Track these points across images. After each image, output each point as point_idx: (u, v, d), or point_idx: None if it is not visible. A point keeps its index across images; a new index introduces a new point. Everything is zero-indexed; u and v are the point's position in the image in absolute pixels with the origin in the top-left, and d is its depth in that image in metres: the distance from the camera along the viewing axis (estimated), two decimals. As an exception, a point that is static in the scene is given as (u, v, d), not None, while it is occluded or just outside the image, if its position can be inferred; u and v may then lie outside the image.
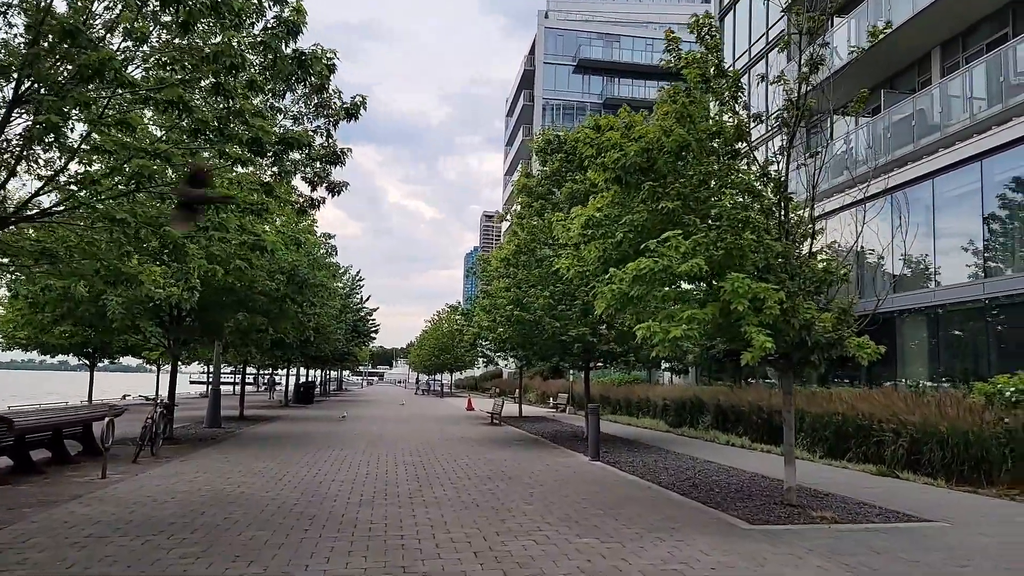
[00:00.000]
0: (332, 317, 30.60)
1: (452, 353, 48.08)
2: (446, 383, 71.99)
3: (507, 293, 17.70)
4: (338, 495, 10.01)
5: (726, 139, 9.07)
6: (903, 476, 11.57)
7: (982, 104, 16.40)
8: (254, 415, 27.65)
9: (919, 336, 17.93)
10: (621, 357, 18.67)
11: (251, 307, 17.29)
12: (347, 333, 43.44)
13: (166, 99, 6.12)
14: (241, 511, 8.80)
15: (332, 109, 8.10)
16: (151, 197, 8.72)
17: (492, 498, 9.80)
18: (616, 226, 9.20)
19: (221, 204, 8.02)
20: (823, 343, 8.68)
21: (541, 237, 18.25)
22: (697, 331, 7.64)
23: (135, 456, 13.45)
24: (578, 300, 16.66)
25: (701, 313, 7.76)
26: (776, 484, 11.10)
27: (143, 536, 7.49)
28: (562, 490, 10.47)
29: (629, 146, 9.12)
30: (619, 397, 27.34)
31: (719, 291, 8.12)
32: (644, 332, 7.76)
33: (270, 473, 12.02)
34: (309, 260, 18.96)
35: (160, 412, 14.71)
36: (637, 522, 8.20)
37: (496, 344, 20.97)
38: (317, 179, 9.01)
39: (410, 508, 9.11)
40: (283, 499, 9.66)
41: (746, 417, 17.63)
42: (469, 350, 30.20)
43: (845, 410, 13.67)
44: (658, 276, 7.95)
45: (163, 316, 18.00)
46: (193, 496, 9.79)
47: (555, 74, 65.80)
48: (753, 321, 7.69)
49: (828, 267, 8.57)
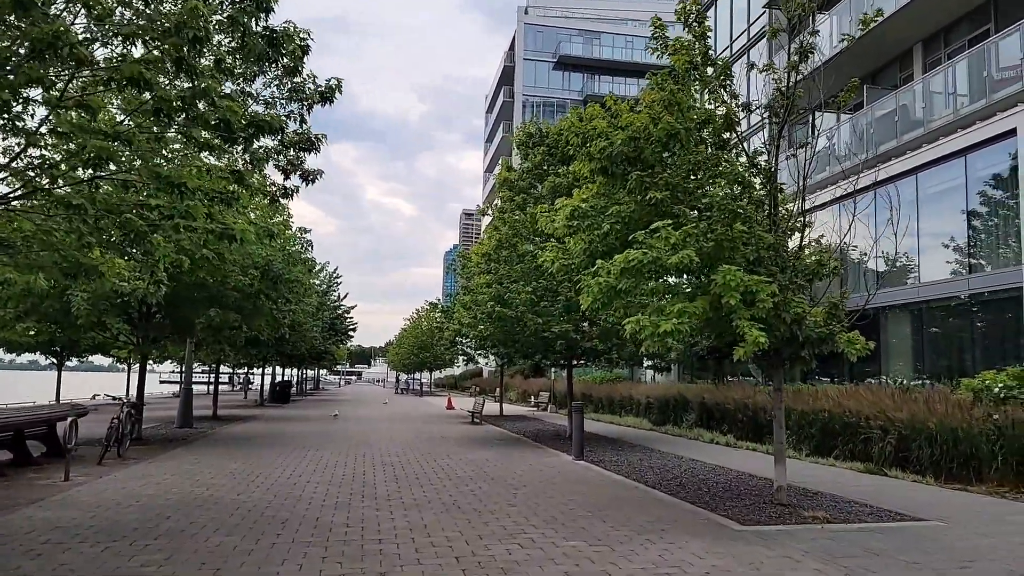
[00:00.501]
0: (308, 314, 30.05)
1: (432, 351, 47.57)
2: (425, 382, 71.45)
3: (488, 289, 17.34)
4: (312, 497, 9.61)
5: (715, 128, 8.79)
6: (892, 474, 11.39)
7: (964, 100, 16.34)
8: (228, 415, 27.07)
9: (903, 332, 17.87)
10: (604, 354, 18.40)
11: (223, 303, 16.77)
12: (324, 331, 42.82)
13: (126, 76, 5.68)
14: (209, 515, 8.38)
15: (306, 93, 7.69)
16: (115, 185, 8.26)
17: (474, 500, 9.45)
18: (602, 217, 8.88)
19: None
20: (814, 338, 8.44)
21: (523, 232, 17.92)
22: (688, 325, 7.35)
23: (100, 458, 12.95)
24: (561, 296, 16.36)
25: (692, 307, 7.48)
26: (765, 483, 10.87)
27: (103, 543, 7.06)
28: (546, 491, 10.15)
29: (616, 135, 8.81)
30: (601, 395, 27.10)
31: (709, 284, 7.84)
32: (633, 326, 7.45)
33: (241, 475, 11.58)
34: (284, 255, 18.44)
35: (126, 412, 14.19)
36: (626, 524, 7.90)
37: (477, 342, 20.61)
38: (290, 167, 8.59)
39: (388, 511, 8.73)
40: (254, 502, 9.24)
41: (731, 415, 17.43)
42: (449, 348, 29.75)
43: (831, 407, 13.49)
44: (647, 268, 7.65)
45: (131, 313, 17.45)
46: (158, 500, 9.34)
47: (535, 70, 65.49)
48: (745, 315, 7.41)
49: (821, 259, 8.31)
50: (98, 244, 9.07)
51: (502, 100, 69.78)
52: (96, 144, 5.96)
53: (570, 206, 9.00)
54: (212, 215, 8.21)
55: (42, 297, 15.79)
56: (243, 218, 10.88)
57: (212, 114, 6.08)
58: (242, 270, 16.74)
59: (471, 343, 24.16)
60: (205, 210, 7.77)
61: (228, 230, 6.92)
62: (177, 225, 6.67)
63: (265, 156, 8.76)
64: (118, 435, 13.61)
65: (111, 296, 15.09)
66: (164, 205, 7.02)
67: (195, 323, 16.95)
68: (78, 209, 6.26)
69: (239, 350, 30.98)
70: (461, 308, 20.35)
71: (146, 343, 18.15)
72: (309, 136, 8.20)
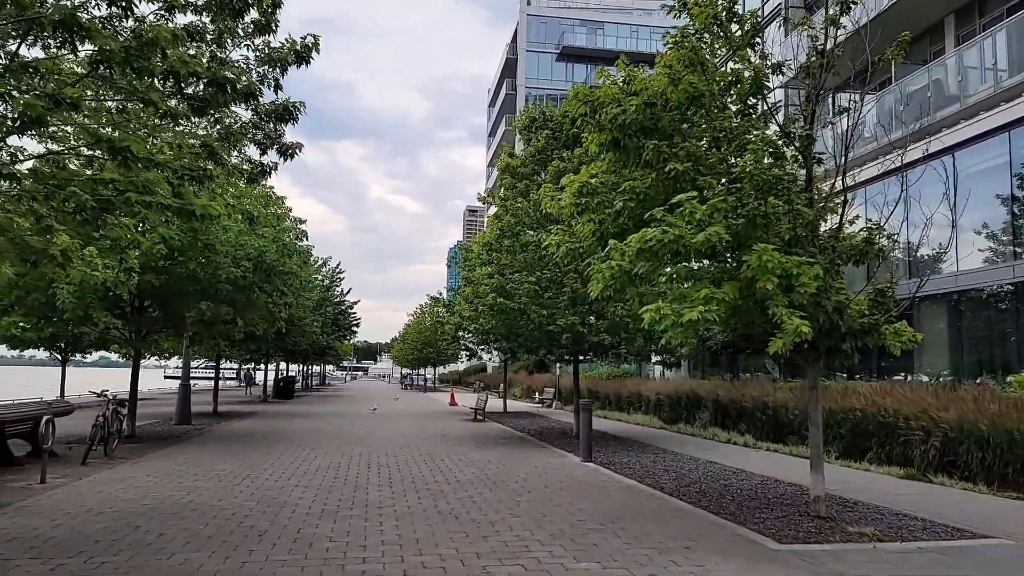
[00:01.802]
0: (309, 309, 29.19)
1: (435, 347, 46.71)
2: (429, 378, 70.69)
3: (490, 280, 16.42)
4: (298, 504, 8.73)
5: (741, 92, 7.84)
6: (937, 480, 10.38)
7: (1003, 74, 15.24)
8: (228, 411, 26.34)
9: (936, 325, 16.78)
10: (612, 349, 17.47)
11: (215, 296, 15.92)
12: (328, 326, 42.02)
13: (56, 19, 4.79)
14: (182, 525, 7.52)
15: (281, 53, 6.77)
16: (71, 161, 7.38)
17: (473, 508, 8.55)
18: (614, 194, 7.95)
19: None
20: (856, 329, 7.50)
21: (526, 220, 17.00)
22: (716, 313, 6.41)
23: (84, 457, 12.19)
24: (566, 287, 15.44)
25: (721, 292, 6.53)
26: (795, 490, 9.94)
27: (57, 558, 6.24)
28: (553, 498, 9.23)
29: (629, 102, 7.87)
30: (608, 392, 26.13)
31: (738, 267, 6.91)
32: (652, 315, 6.52)
33: (228, 477, 10.73)
34: (278, 246, 17.53)
35: (112, 410, 13.34)
36: (644, 540, 6.97)
37: (478, 336, 19.70)
38: (267, 140, 7.69)
39: (378, 521, 7.84)
40: (234, 509, 8.38)
41: (748, 413, 16.47)
42: (451, 343, 28.86)
43: (864, 406, 12.49)
44: (667, 249, 6.71)
45: (123, 307, 16.62)
46: (133, 506, 8.50)
47: (538, 62, 64.40)
48: (782, 302, 6.48)
49: (870, 237, 7.33)
50: (64, 229, 8.23)
51: (504, 93, 68.77)
52: (28, 102, 5.07)
53: (578, 182, 8.05)
54: (181, 194, 7.31)
55: (28, 290, 14.97)
56: (219, 199, 9.95)
57: (159, 66, 5.19)
58: (234, 261, 15.88)
59: (473, 337, 23.24)
60: (169, 187, 6.86)
61: (187, 206, 6.02)
62: (129, 199, 5.79)
63: (242, 131, 7.87)
64: (104, 433, 12.82)
65: (98, 289, 14.26)
66: (120, 179, 6.15)
67: (186, 317, 16.05)
68: (10, 179, 5.37)
69: (238, 345, 30.31)
70: (462, 301, 19.45)
71: (138, 338, 17.32)
72: (286, 105, 7.29)
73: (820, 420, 8.10)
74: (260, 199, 19.15)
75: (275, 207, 21.20)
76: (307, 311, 28.69)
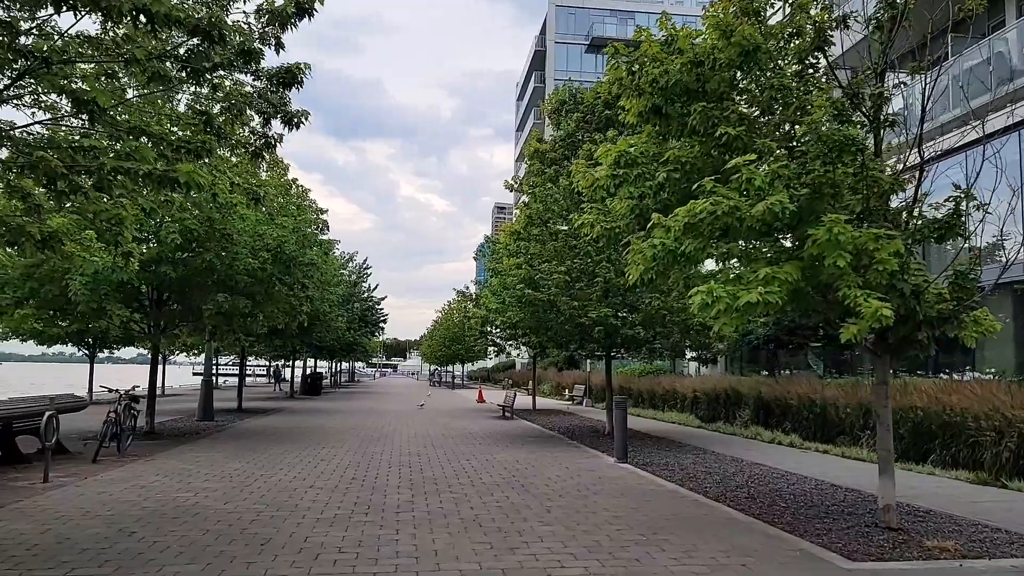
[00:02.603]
0: (334, 304, 28.66)
1: (463, 343, 46.02)
2: (458, 375, 70.20)
3: (518, 271, 15.61)
4: (310, 508, 8.04)
5: (801, 48, 6.93)
6: (1013, 486, 9.35)
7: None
8: (253, 407, 25.98)
9: (999, 318, 15.49)
10: (646, 344, 16.55)
11: (233, 288, 15.36)
12: (355, 323, 41.60)
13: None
14: (181, 532, 6.86)
15: (279, 6, 6.03)
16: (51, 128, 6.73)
17: (500, 514, 7.76)
18: (656, 165, 7.09)
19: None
20: (934, 316, 6.55)
21: (555, 208, 16.14)
22: (779, 296, 5.53)
23: (95, 455, 11.69)
24: (599, 277, 14.57)
25: (783, 272, 5.65)
26: (855, 497, 9.00)
27: (37, 570, 5.61)
28: (587, 504, 8.40)
29: (673, 61, 7.01)
30: (642, 389, 25.15)
31: (801, 244, 6.03)
32: (703, 298, 5.66)
33: (240, 477, 10.11)
34: (298, 236, 16.92)
35: (125, 405, 12.83)
36: (693, 555, 6.12)
37: (506, 330, 18.91)
38: (271, 109, 6.98)
39: (394, 528, 7.10)
40: (240, 513, 7.71)
41: (794, 412, 15.43)
42: (479, 338, 28.12)
43: (926, 404, 11.45)
44: (720, 223, 5.85)
45: (142, 300, 16.17)
46: (133, 509, 7.88)
47: (567, 53, 63.41)
48: (855, 282, 5.58)
49: (959, 208, 6.37)
50: (53, 209, 7.62)
51: (533, 86, 67.89)
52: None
53: (615, 151, 7.20)
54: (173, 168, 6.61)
55: (41, 282, 14.56)
56: (222, 177, 9.27)
57: (127, 3, 4.47)
58: (252, 252, 15.32)
59: (500, 332, 22.46)
60: (163, 160, 6.17)
61: (169, 173, 5.33)
62: (103, 166, 5.10)
63: (245, 101, 7.16)
64: (117, 430, 12.32)
65: (112, 280, 13.77)
66: (99, 146, 5.48)
67: (203, 310, 15.51)
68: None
69: (262, 340, 29.93)
70: (489, 293, 18.68)
71: (157, 331, 16.87)
72: (289, 68, 6.57)
73: (890, 420, 7.16)
74: (278, 188, 18.61)
75: (295, 199, 20.68)
76: (332, 306, 28.16)
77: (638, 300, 14.71)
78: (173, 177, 5.39)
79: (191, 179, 5.48)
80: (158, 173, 5.37)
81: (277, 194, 18.30)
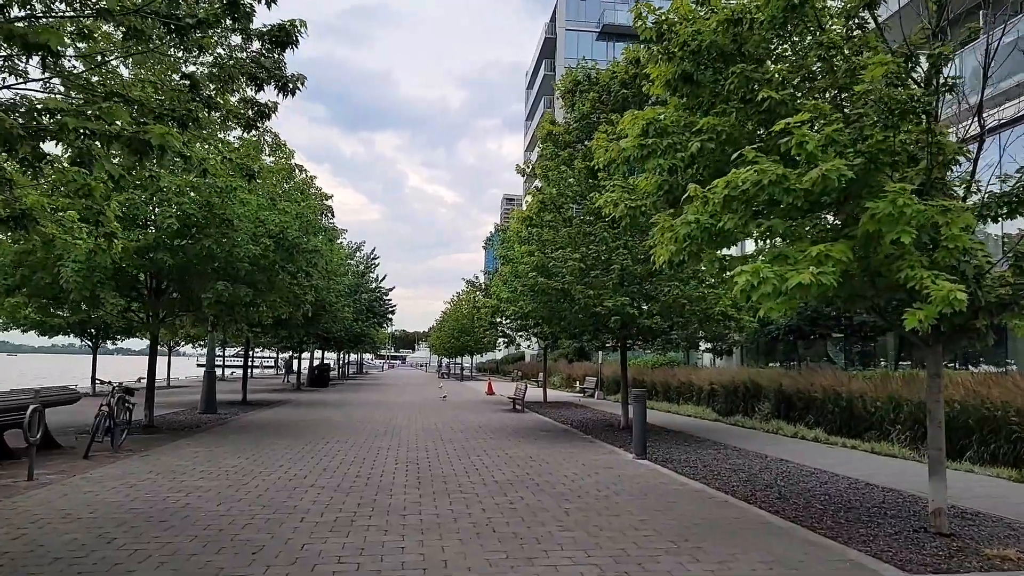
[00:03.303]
0: (341, 294, 28.08)
1: (472, 335, 45.39)
2: (467, 366, 69.70)
3: (530, 258, 14.96)
4: (309, 510, 7.45)
5: (848, 4, 6.24)
6: (1065, 486, 8.72)
7: None
8: (258, 400, 25.48)
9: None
10: (663, 334, 15.89)
11: (234, 276, 14.78)
12: (363, 314, 41.07)
13: None
14: (166, 538, 6.29)
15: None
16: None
17: (514, 517, 7.16)
18: (688, 135, 6.42)
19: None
20: (993, 302, 5.89)
21: (569, 193, 15.46)
22: (833, 277, 4.87)
23: (86, 451, 11.15)
24: (615, 264, 13.90)
25: (837, 250, 4.99)
26: (896, 498, 8.35)
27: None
28: (608, 505, 7.78)
29: (706, 20, 6.34)
30: (656, 381, 24.47)
31: (852, 220, 5.37)
32: (748, 279, 5.00)
33: (237, 475, 9.54)
34: (301, 221, 16.31)
35: (118, 398, 12.27)
36: (732, 567, 5.49)
37: (517, 320, 18.26)
38: (265, 73, 6.35)
39: (399, 534, 6.50)
40: (233, 516, 7.13)
41: (818, 405, 14.75)
42: (488, 330, 27.50)
43: (963, 397, 10.77)
44: (765, 194, 5.18)
45: (140, 288, 15.62)
46: (118, 511, 7.32)
47: (577, 41, 62.39)
48: (921, 261, 4.92)
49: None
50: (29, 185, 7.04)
51: (543, 74, 66.99)
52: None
53: (644, 119, 6.53)
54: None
55: (33, 269, 14.01)
56: (213, 151, 8.64)
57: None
58: (253, 238, 14.74)
59: (511, 323, 21.80)
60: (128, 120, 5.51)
61: (139, 135, 4.72)
62: (65, 125, 4.49)
63: (236, 65, 6.53)
64: (110, 424, 11.77)
65: (106, 267, 13.21)
66: (65, 107, 4.86)
67: (201, 298, 14.94)
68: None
69: (268, 331, 29.38)
70: (499, 283, 18.04)
71: (155, 322, 16.33)
72: (283, 25, 5.93)
73: (942, 416, 6.49)
74: (281, 172, 18.00)
75: (299, 184, 20.05)
76: (339, 296, 27.59)
77: (656, 289, 14.04)
78: (145, 139, 4.78)
79: (165, 142, 4.85)
80: (128, 134, 4.76)
81: (280, 179, 17.72)
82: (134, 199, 13.21)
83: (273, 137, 17.75)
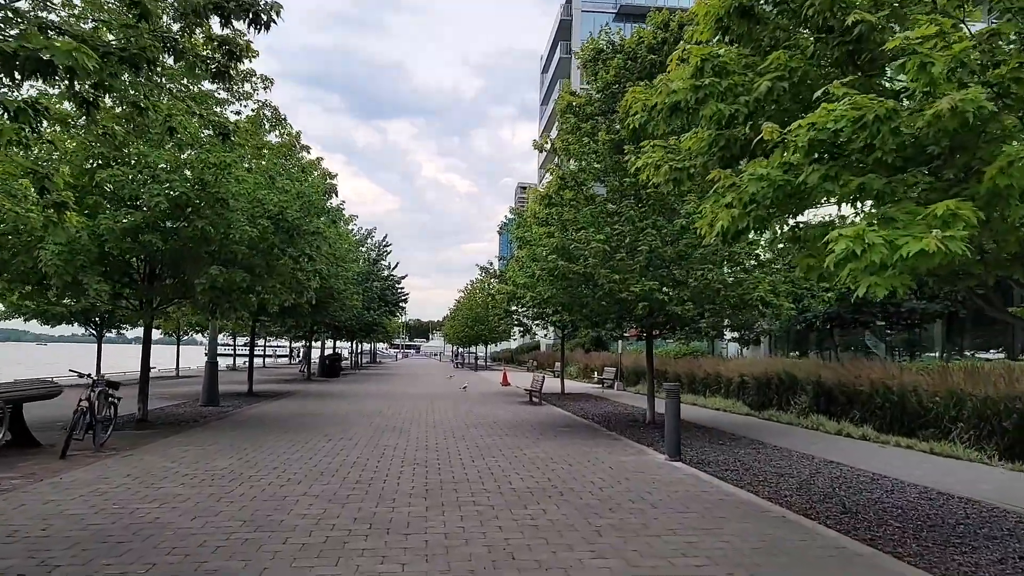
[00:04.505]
0: (349, 281, 27.00)
1: (486, 324, 44.27)
2: (481, 356, 68.72)
3: (549, 240, 13.77)
4: (296, 527, 6.37)
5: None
6: None
7: None
8: (265, 391, 24.56)
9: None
10: (691, 322, 14.66)
11: (230, 260, 13.73)
12: (375, 302, 40.05)
13: None
14: (120, 564, 5.27)
15: None
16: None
17: (536, 538, 6.02)
18: (751, 75, 5.20)
19: None
20: None
21: (592, 169, 14.24)
22: (961, 244, 3.67)
23: (63, 450, 10.12)
24: (643, 245, 12.69)
25: (966, 209, 3.78)
26: (981, 511, 7.14)
27: None
28: (647, 523, 6.61)
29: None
30: (680, 372, 23.22)
31: (973, 171, 4.17)
32: (848, 245, 3.81)
33: (223, 480, 8.49)
34: (302, 202, 15.20)
35: (99, 392, 11.24)
36: (817, 617, 4.32)
37: (534, 307, 17.08)
38: (232, 3, 5.20)
39: (400, 560, 5.39)
40: (206, 536, 6.06)
41: (863, 399, 13.49)
42: (503, 318, 26.36)
43: (1047, 393, 9.53)
44: (866, 135, 3.98)
45: (132, 273, 14.62)
46: (72, 528, 6.26)
47: (594, 22, 60.57)
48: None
49: None
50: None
51: (559, 57, 65.42)
52: None
53: (699, 55, 5.30)
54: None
55: (14, 252, 12.99)
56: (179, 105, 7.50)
57: None
58: (250, 219, 13.66)
59: (527, 311, 20.62)
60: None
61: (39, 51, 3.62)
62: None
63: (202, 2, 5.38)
64: (91, 421, 10.75)
65: (90, 250, 12.20)
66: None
67: (195, 284, 13.88)
68: None
69: (275, 320, 28.40)
70: (515, 267, 16.87)
71: (148, 309, 15.31)
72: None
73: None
74: (283, 148, 16.89)
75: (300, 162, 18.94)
76: (347, 283, 26.51)
77: (687, 273, 12.82)
78: (46, 59, 3.65)
79: (73, 61, 3.72)
80: (24, 54, 3.63)
81: (280, 155, 16.62)
82: (117, 175, 12.15)
83: (272, 111, 16.63)
